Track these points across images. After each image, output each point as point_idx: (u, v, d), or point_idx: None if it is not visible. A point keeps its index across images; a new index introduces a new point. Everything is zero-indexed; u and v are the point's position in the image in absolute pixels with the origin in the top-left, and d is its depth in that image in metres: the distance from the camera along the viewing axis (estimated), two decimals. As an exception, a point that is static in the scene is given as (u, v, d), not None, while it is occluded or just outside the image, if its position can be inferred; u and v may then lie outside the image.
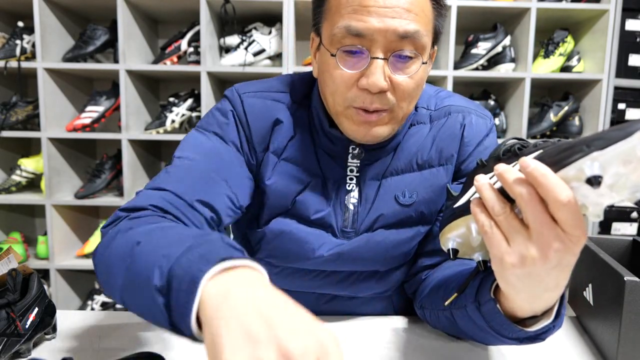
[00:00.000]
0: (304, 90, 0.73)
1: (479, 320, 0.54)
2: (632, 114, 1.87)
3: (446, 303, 0.59)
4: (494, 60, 1.84)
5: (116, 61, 1.80)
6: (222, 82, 2.00)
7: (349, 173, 0.71)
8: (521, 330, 0.50)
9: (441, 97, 0.75)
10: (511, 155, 0.49)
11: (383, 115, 0.63)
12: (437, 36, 0.65)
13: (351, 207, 0.71)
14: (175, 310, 0.39)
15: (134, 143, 1.83)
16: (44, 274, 1.88)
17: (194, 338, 0.40)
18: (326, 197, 0.71)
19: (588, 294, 0.70)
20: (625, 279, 0.57)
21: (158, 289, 0.41)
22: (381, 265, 0.74)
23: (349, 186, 0.71)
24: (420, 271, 0.75)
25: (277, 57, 1.85)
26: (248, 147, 0.70)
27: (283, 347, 0.31)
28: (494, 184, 0.45)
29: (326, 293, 0.77)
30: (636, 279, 0.57)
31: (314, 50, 0.69)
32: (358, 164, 0.71)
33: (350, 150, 0.70)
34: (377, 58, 0.59)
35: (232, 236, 0.89)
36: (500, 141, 0.56)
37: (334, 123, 0.68)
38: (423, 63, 0.61)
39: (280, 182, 0.70)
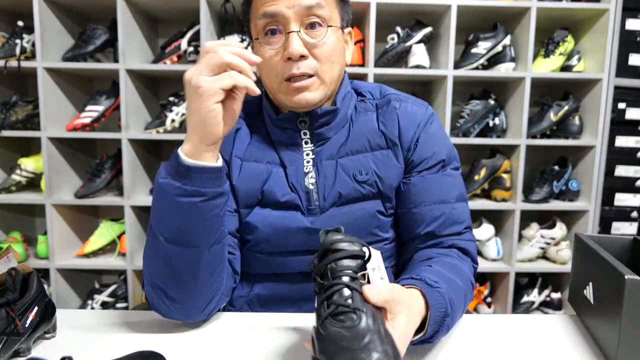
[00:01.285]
0: (256, 106, 0.87)
1: None
2: (632, 113, 1.87)
3: None
4: (494, 60, 1.84)
5: (116, 60, 1.80)
6: (222, 82, 1.99)
7: (305, 157, 0.82)
8: None
9: (384, 88, 0.89)
10: (317, 286, 0.54)
11: (311, 81, 0.75)
12: (343, 17, 0.80)
13: (311, 187, 0.81)
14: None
15: (134, 142, 1.83)
16: (44, 273, 1.88)
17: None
18: (288, 182, 0.81)
19: (588, 292, 0.70)
20: (625, 277, 0.57)
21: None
22: (355, 236, 0.78)
23: (306, 169, 0.81)
24: (411, 255, 0.83)
25: (277, 57, 1.85)
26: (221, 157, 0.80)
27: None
28: None
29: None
30: (637, 277, 0.56)
31: None
32: (312, 148, 0.82)
33: (302, 136, 0.81)
34: (292, 31, 0.73)
35: None
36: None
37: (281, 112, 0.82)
38: (329, 26, 0.75)
39: (246, 180, 0.81)
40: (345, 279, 0.52)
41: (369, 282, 0.57)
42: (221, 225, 0.70)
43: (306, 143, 0.82)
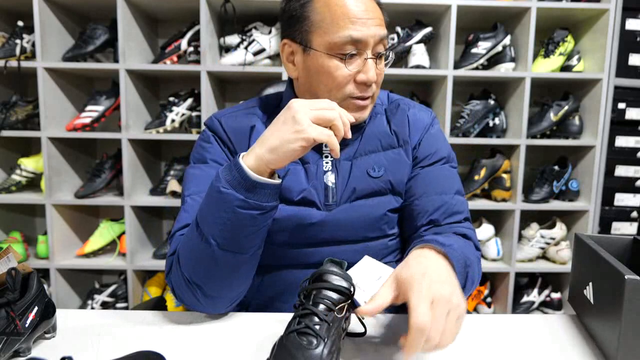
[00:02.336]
0: (274, 103, 0.91)
1: None
2: (632, 113, 1.87)
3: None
4: (494, 60, 1.84)
5: (116, 60, 1.80)
6: (222, 82, 2.00)
7: (324, 159, 0.85)
8: None
9: (391, 94, 0.96)
10: (298, 302, 0.62)
11: (369, 101, 0.83)
12: None
13: (330, 184, 0.85)
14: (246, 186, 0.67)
15: (134, 142, 1.83)
16: (44, 273, 1.88)
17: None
18: (307, 179, 0.84)
19: (588, 292, 0.70)
20: (625, 277, 0.57)
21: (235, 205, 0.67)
22: (364, 231, 0.85)
23: (325, 167, 0.85)
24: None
25: (277, 57, 1.85)
26: (233, 156, 0.85)
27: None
28: None
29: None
30: (637, 277, 0.56)
31: (287, 55, 0.85)
32: None
33: None
34: (371, 58, 0.78)
35: None
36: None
37: None
38: (387, 55, 0.83)
39: None
40: (322, 307, 0.59)
41: (354, 305, 0.64)
42: (266, 232, 0.74)
43: (326, 146, 0.86)
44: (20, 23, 1.79)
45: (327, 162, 0.85)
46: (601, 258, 0.65)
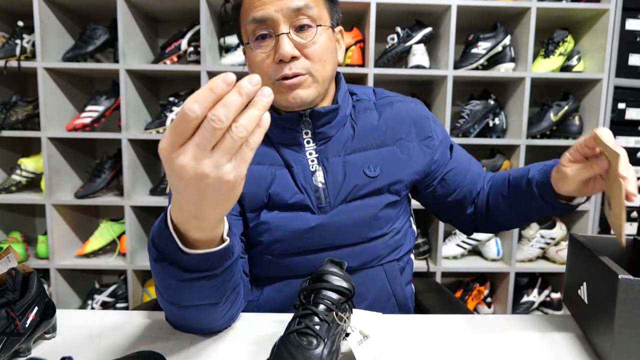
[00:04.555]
0: None
1: (540, 204, 0.80)
2: (632, 113, 1.87)
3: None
4: (494, 60, 1.84)
5: (116, 61, 1.80)
6: (222, 82, 2.00)
7: (308, 156, 0.82)
8: (565, 203, 0.78)
9: (377, 91, 0.93)
10: (298, 303, 0.63)
11: (303, 78, 0.76)
12: (333, 16, 0.81)
13: (320, 185, 0.81)
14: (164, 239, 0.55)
15: (134, 143, 1.83)
16: (44, 273, 1.88)
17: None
18: (295, 183, 0.80)
19: (582, 292, 0.70)
20: (619, 277, 0.57)
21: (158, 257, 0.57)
22: (363, 232, 0.82)
23: (312, 167, 0.82)
24: (475, 208, 0.94)
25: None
26: None
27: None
28: None
29: None
30: (630, 277, 0.56)
31: (246, 61, 0.83)
32: (314, 147, 0.82)
33: (304, 135, 0.81)
34: (282, 34, 0.73)
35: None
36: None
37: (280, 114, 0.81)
38: (318, 26, 0.76)
39: (250, 183, 0.78)
40: (322, 307, 0.59)
41: (351, 308, 0.65)
42: (237, 272, 0.65)
43: (308, 142, 0.82)
44: (20, 23, 1.80)
45: (312, 161, 0.81)
46: (595, 258, 0.65)
